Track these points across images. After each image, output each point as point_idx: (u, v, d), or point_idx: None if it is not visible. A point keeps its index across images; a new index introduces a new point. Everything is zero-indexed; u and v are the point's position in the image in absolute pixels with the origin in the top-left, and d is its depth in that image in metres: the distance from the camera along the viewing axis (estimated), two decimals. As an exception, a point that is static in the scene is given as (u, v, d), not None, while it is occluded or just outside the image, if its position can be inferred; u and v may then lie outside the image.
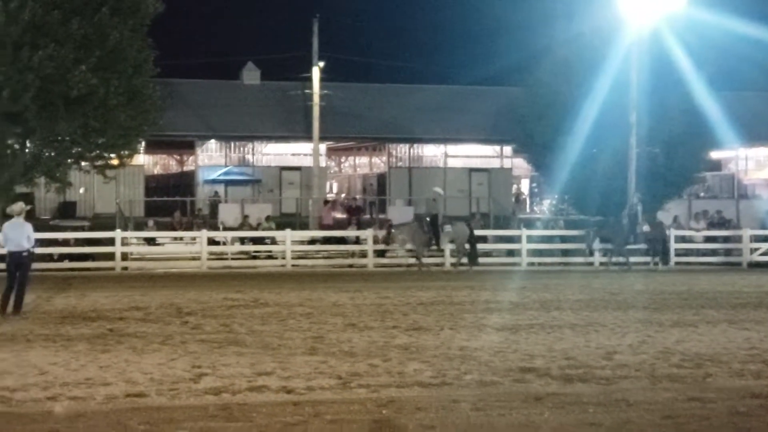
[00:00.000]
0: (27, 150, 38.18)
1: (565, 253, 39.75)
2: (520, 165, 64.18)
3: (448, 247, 36.31)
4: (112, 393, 12.47)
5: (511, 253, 39.53)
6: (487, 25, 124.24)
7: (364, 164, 73.14)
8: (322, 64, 56.02)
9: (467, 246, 35.99)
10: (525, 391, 12.77)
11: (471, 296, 25.32)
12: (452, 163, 64.41)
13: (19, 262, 20.62)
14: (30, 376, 13.59)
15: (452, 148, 64.33)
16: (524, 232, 39.11)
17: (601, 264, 38.15)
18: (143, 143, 47.80)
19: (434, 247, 35.44)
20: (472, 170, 64.00)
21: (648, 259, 38.72)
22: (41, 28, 34.56)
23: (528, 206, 64.38)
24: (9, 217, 21.77)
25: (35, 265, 24.28)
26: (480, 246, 37.61)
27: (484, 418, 11.33)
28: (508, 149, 63.26)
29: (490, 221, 49.80)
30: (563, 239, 40.81)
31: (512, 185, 66.62)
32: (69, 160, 39.00)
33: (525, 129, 49.47)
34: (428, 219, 35.43)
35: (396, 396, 12.42)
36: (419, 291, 26.41)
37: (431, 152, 64.67)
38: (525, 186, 70.05)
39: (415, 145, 63.96)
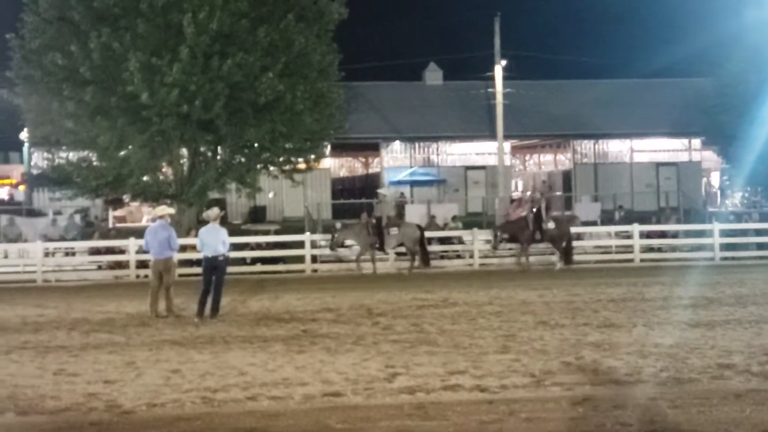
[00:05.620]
0: (218, 157, 39.22)
1: (761, 246, 38.46)
2: (709, 158, 62.75)
3: (396, 250, 35.65)
4: (309, 392, 12.73)
5: (701, 247, 38.50)
6: (668, 15, 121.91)
7: (548, 161, 72.61)
8: (504, 62, 55.71)
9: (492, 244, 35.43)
10: (724, 388, 12.51)
11: (663, 292, 24.84)
12: (638, 157, 63.32)
13: (215, 266, 21.17)
14: (230, 377, 13.97)
15: (638, 143, 63.27)
16: (716, 226, 38.03)
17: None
18: (329, 147, 48.49)
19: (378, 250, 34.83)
20: (659, 164, 62.87)
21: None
22: (229, 38, 35.44)
23: (719, 199, 62.77)
24: (205, 222, 22.40)
25: (229, 269, 24.92)
26: (668, 241, 36.85)
27: (683, 415, 11.13)
28: (696, 142, 62.01)
29: (680, 215, 48.76)
30: (758, 233, 39.51)
31: (702, 178, 65.14)
32: (258, 166, 39.88)
33: (714, 120, 48.56)
34: (373, 221, 35.04)
35: (591, 394, 12.31)
36: (609, 288, 26.03)
37: (616, 147, 63.63)
38: (715, 179, 68.46)
39: (600, 141, 63.11)
